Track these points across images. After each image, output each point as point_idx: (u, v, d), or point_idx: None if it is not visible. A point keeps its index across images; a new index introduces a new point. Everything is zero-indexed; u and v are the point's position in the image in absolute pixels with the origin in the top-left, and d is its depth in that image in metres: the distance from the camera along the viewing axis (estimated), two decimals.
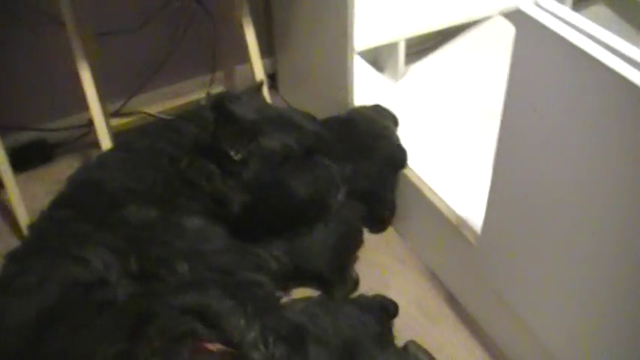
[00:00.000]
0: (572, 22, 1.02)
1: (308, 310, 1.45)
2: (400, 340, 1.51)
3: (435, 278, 1.71)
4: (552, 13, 1.05)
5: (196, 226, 1.47)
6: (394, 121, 1.87)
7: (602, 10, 2.64)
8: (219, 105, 1.50)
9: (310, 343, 1.38)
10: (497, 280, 1.42)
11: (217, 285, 1.38)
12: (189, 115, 1.66)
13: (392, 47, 2.30)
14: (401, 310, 1.60)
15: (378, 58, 2.40)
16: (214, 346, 1.31)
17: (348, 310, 1.48)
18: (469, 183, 1.61)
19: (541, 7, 1.07)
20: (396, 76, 2.35)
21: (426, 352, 1.48)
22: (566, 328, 1.25)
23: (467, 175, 1.64)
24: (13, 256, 1.41)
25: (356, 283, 1.69)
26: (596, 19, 1.02)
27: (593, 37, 0.99)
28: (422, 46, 2.46)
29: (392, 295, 1.65)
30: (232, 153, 1.48)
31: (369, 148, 1.73)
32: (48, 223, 1.46)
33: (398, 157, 1.73)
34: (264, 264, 1.52)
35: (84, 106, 1.81)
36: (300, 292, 1.62)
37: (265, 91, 1.97)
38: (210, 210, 1.52)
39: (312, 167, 1.60)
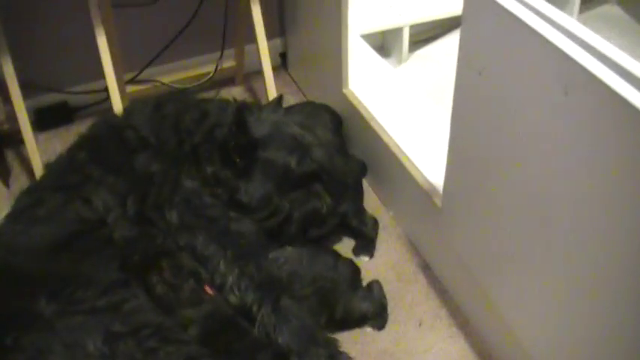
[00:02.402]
0: None
1: (289, 260, 1.61)
2: None
3: (411, 245, 1.83)
4: None
5: (192, 187, 1.61)
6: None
7: (613, 9, 2.70)
8: (239, 113, 1.65)
9: (282, 295, 1.52)
10: (458, 242, 1.53)
11: (203, 231, 1.52)
12: (215, 103, 1.79)
13: (397, 33, 2.42)
14: (378, 274, 1.74)
15: (384, 44, 2.53)
16: (212, 289, 1.47)
17: (325, 258, 1.65)
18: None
19: None
20: (400, 60, 2.47)
21: (384, 295, 1.66)
22: (521, 293, 1.33)
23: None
24: (27, 190, 1.58)
25: (376, 222, 1.84)
26: (606, 19, 1.10)
27: (532, 7, 1.08)
28: (427, 35, 2.58)
29: (372, 259, 1.79)
30: (236, 159, 1.64)
31: None
32: (64, 163, 1.61)
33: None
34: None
35: (103, 73, 1.95)
36: None
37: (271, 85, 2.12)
38: (207, 184, 1.66)
39: (307, 194, 1.72)
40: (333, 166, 1.74)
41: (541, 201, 1.17)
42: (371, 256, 1.81)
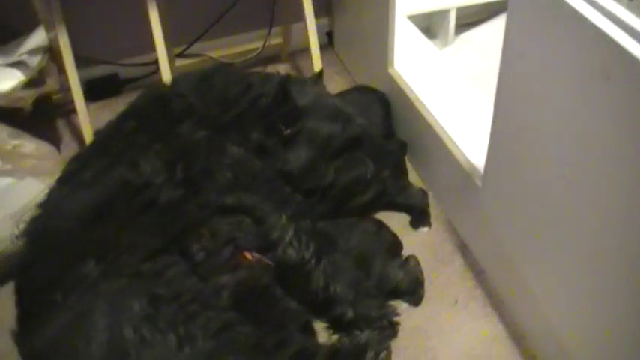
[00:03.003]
0: None
1: (333, 223, 1.68)
2: None
3: (450, 225, 1.85)
4: None
5: (238, 153, 1.65)
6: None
7: None
8: (283, 84, 1.70)
9: (336, 250, 1.58)
10: (496, 223, 1.54)
11: (262, 189, 1.58)
12: (259, 75, 1.83)
13: (443, 15, 2.43)
14: (415, 253, 1.76)
15: (430, 26, 2.54)
16: (251, 255, 1.52)
17: (366, 225, 1.71)
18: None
19: None
20: (445, 43, 2.48)
21: (421, 271, 1.69)
22: (557, 277, 1.34)
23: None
24: (77, 156, 1.64)
25: (424, 193, 1.90)
26: None
27: None
28: (473, 18, 2.58)
29: (410, 237, 1.82)
30: (282, 128, 1.69)
31: None
32: (113, 131, 1.66)
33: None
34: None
35: (153, 46, 2.00)
36: None
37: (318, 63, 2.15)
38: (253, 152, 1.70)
39: (351, 161, 1.77)
40: (373, 134, 1.80)
41: (580, 184, 1.17)
42: (429, 226, 1.85)
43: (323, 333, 1.59)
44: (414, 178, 1.99)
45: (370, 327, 1.55)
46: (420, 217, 1.86)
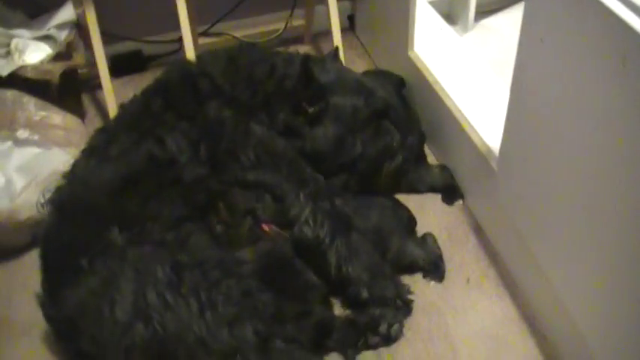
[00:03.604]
0: None
1: (351, 201, 1.71)
2: None
3: (466, 208, 1.88)
4: None
5: (262, 133, 1.69)
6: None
7: None
8: (305, 64, 1.73)
9: (353, 230, 1.62)
10: (511, 205, 1.57)
11: (283, 169, 1.63)
12: (282, 56, 1.85)
13: (464, 2, 2.46)
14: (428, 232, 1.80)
15: (451, 12, 2.56)
16: (269, 227, 1.56)
17: (383, 202, 1.76)
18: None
19: None
20: (465, 29, 2.51)
21: (438, 247, 1.73)
22: (569, 259, 1.36)
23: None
24: (103, 129, 1.68)
25: (445, 169, 1.96)
26: None
27: None
28: (493, 6, 2.60)
29: (426, 218, 1.85)
30: (307, 107, 1.72)
31: None
32: (140, 106, 1.70)
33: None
34: None
35: (177, 24, 2.04)
36: None
37: (339, 45, 2.16)
38: (279, 132, 1.73)
39: (376, 131, 1.81)
40: (395, 104, 1.84)
41: (595, 169, 1.19)
42: (462, 198, 1.89)
43: (337, 307, 1.64)
44: (431, 160, 2.03)
45: (385, 306, 1.58)
46: (450, 192, 1.91)
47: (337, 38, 2.21)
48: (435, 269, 1.70)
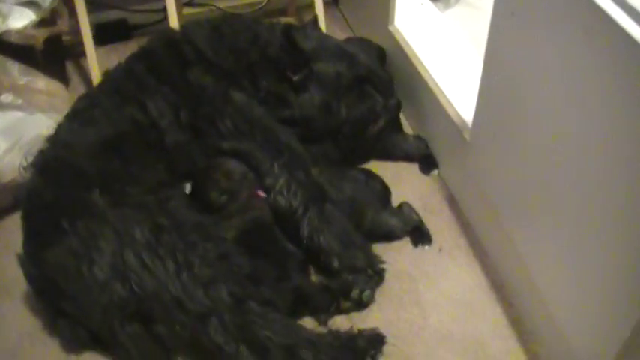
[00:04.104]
0: None
1: (326, 172, 1.75)
2: None
3: (441, 178, 1.94)
4: None
5: (241, 100, 1.72)
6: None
7: None
8: (286, 33, 1.76)
9: (327, 201, 1.66)
10: (483, 177, 1.61)
11: (259, 137, 1.66)
12: (264, 25, 1.88)
13: None
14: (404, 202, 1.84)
15: None
16: (262, 194, 1.59)
17: (356, 175, 1.79)
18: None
19: None
20: (447, 5, 2.53)
21: (416, 213, 1.78)
22: (537, 230, 1.41)
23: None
24: (86, 94, 1.71)
25: (420, 139, 2.01)
26: None
27: None
28: None
29: (402, 188, 1.89)
30: (291, 74, 1.76)
31: None
32: (123, 72, 1.73)
33: None
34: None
35: None
36: None
37: (322, 18, 2.21)
38: (261, 100, 1.77)
39: (359, 95, 1.85)
40: (376, 69, 1.88)
41: (564, 141, 1.23)
42: (437, 167, 1.95)
43: (312, 273, 1.68)
44: (407, 131, 2.07)
45: (357, 273, 1.63)
46: (427, 162, 1.96)
47: (320, 10, 2.25)
48: (419, 235, 1.75)
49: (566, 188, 1.26)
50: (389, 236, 1.75)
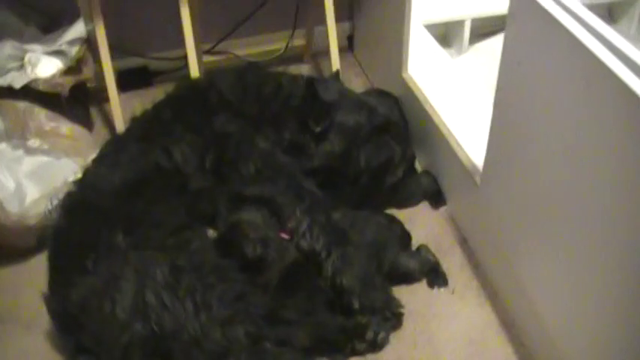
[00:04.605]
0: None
1: (348, 216, 1.79)
2: None
3: (452, 220, 1.97)
4: None
5: (265, 147, 1.78)
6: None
7: None
8: (309, 85, 1.83)
9: (348, 244, 1.70)
10: (492, 219, 1.66)
11: (282, 182, 1.71)
12: (287, 76, 1.95)
13: (459, 25, 2.54)
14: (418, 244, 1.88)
15: (446, 34, 2.65)
16: (287, 235, 1.66)
17: (379, 219, 1.84)
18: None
19: None
20: (460, 51, 2.59)
21: (433, 255, 1.81)
22: (545, 270, 1.44)
23: None
24: (113, 139, 1.77)
25: (429, 175, 2.05)
26: None
27: (565, 7, 1.21)
28: (488, 29, 2.67)
29: (414, 229, 1.93)
30: (313, 125, 1.82)
31: None
32: (149, 117, 1.79)
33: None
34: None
35: (183, 42, 2.14)
36: None
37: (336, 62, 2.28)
38: (284, 149, 1.83)
39: (379, 145, 1.92)
40: (395, 120, 1.95)
41: (572, 184, 1.27)
42: (444, 203, 1.99)
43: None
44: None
45: (373, 314, 1.66)
46: (436, 198, 2.01)
47: (335, 58, 2.31)
48: (435, 277, 1.78)
49: (576, 231, 1.29)
50: (407, 278, 1.79)
